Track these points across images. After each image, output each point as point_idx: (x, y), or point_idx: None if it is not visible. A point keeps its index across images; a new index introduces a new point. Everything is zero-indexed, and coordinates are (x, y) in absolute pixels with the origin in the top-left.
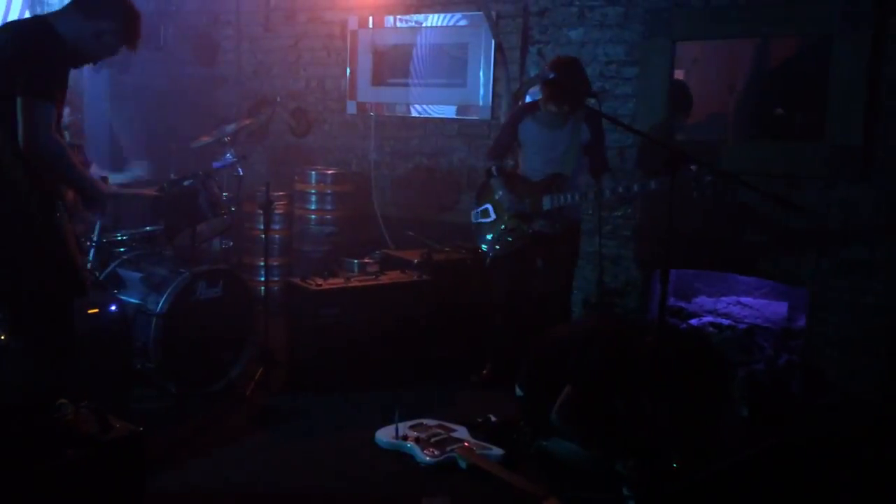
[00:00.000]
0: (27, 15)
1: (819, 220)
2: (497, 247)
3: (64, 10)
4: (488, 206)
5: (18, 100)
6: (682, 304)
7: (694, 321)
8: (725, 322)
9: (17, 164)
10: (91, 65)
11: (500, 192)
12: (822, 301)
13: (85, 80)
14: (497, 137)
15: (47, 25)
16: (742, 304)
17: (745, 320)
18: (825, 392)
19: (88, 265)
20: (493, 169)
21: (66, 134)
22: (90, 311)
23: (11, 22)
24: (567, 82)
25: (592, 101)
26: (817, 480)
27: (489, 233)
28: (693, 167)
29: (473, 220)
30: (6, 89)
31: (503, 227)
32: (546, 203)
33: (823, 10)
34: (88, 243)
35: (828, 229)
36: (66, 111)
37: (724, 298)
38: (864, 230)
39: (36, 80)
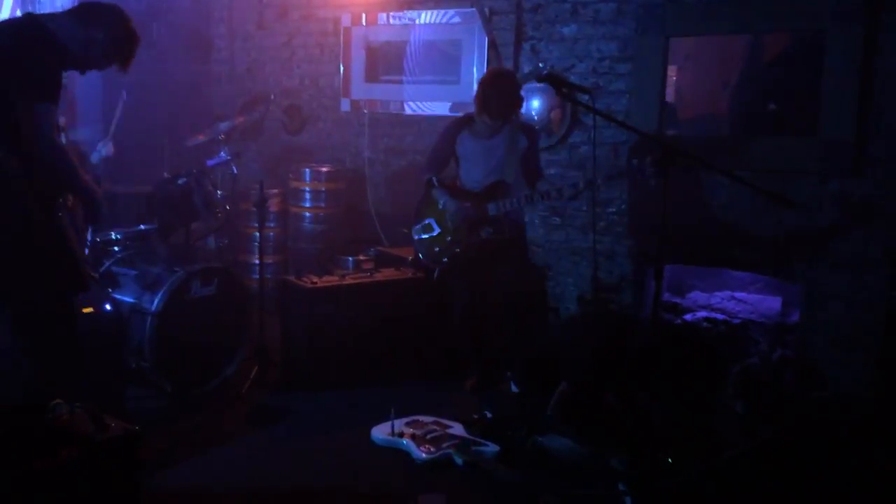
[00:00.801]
0: (18, 12)
1: (812, 215)
2: (444, 259)
3: (61, 13)
4: (431, 220)
5: (19, 103)
6: (677, 300)
7: (688, 316)
8: (720, 317)
9: (15, 163)
10: (79, 72)
11: (444, 201)
12: (816, 296)
13: (76, 77)
14: (433, 150)
15: (41, 25)
16: (736, 300)
17: (740, 315)
18: (819, 387)
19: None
20: (433, 179)
21: (63, 136)
22: (85, 311)
23: (4, 22)
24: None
25: (586, 97)
26: (811, 475)
27: (435, 246)
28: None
29: (415, 236)
30: (4, 91)
31: (449, 238)
32: (491, 209)
33: (816, 6)
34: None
35: (821, 224)
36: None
37: (718, 294)
38: (857, 225)
39: (36, 83)
